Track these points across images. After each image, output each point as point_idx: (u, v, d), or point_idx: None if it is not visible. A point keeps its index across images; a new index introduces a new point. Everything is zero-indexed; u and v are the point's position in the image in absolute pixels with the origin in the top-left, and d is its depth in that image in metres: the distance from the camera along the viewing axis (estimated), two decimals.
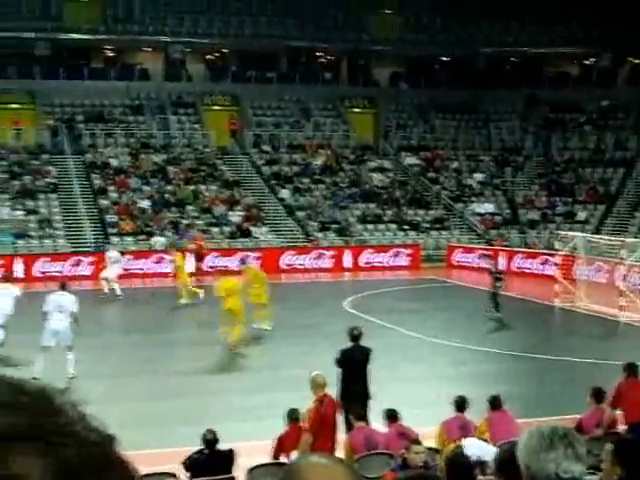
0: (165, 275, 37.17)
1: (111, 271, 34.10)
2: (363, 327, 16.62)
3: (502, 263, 37.40)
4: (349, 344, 15.58)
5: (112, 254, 35.06)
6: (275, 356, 22.57)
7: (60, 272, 38.43)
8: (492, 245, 43.37)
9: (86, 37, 55.08)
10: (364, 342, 15.67)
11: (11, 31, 53.55)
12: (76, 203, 44.25)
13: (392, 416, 12.72)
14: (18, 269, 38.46)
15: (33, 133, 49.47)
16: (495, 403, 13.13)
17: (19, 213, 42.49)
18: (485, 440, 12.04)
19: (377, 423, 13.40)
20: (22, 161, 46.53)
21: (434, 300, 32.68)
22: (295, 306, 30.54)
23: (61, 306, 19.34)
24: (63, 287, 20.47)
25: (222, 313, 23.18)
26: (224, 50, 58.45)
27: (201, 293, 31.26)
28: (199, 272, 37.00)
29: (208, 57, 58.79)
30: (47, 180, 45.16)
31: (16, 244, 40.61)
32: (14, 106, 51.87)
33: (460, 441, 11.74)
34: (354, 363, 15.21)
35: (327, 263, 41.94)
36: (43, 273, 38.31)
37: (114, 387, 19.14)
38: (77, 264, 38.83)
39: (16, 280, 37.71)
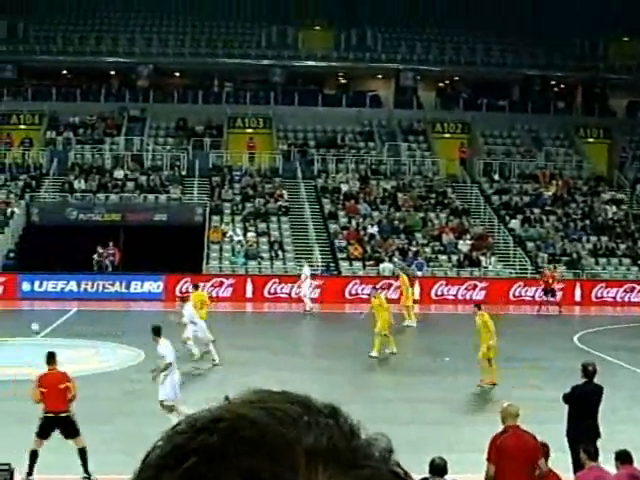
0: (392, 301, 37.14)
1: (304, 288, 34.98)
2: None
3: None
4: (581, 381, 14.94)
5: (306, 271, 36.36)
6: (497, 390, 21.99)
7: (288, 294, 39.20)
8: None
9: (319, 64, 56.20)
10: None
11: (249, 58, 55.42)
12: (306, 227, 45.00)
13: (624, 458, 12.02)
14: (248, 289, 39.43)
15: (267, 157, 50.72)
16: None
17: (251, 235, 43.56)
18: None
19: (607, 465, 12.74)
20: (255, 184, 47.76)
21: None
22: (521, 339, 29.83)
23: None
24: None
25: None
26: (455, 77, 58.30)
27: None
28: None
29: (439, 84, 58.78)
30: (279, 203, 46.15)
31: (247, 265, 41.63)
32: (249, 130, 53.45)
33: None
34: (586, 401, 14.56)
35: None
36: (272, 294, 39.06)
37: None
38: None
39: (246, 300, 38.92)
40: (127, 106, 53.97)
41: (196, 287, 29.85)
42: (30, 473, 14.54)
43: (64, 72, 56.66)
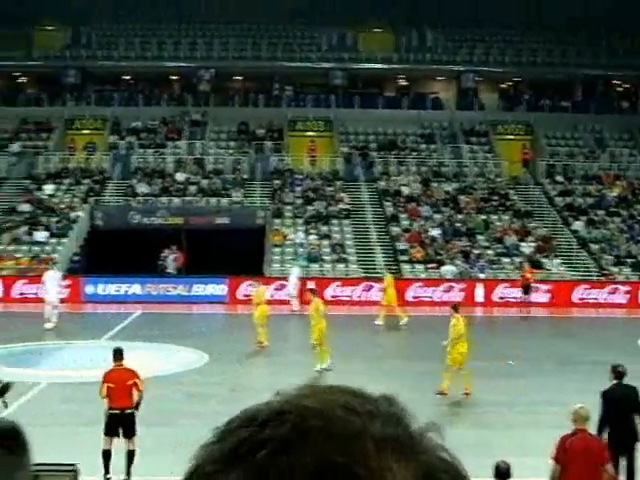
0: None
1: (291, 288, 35.80)
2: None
3: None
4: (612, 382, 14.55)
5: (294, 271, 37.18)
6: (556, 392, 21.68)
7: (350, 297, 39.13)
8: None
9: (380, 67, 56.16)
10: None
11: (310, 62, 55.53)
12: (368, 229, 44.90)
13: None
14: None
15: (328, 160, 50.72)
16: None
17: (313, 237, 43.57)
18: None
19: None
20: (317, 187, 47.79)
21: None
22: (585, 342, 29.47)
23: None
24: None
25: None
26: (517, 79, 57.86)
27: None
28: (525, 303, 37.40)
29: (501, 86, 58.38)
30: (340, 206, 46.11)
31: (309, 268, 41.63)
32: (310, 134, 53.50)
33: None
34: (619, 404, 14.15)
35: (621, 298, 40.32)
36: (334, 297, 39.00)
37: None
38: (368, 289, 39.26)
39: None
40: (189, 110, 54.34)
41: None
42: (107, 472, 14.61)
43: (126, 77, 57.24)
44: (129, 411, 14.87)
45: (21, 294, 38.86)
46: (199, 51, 56.29)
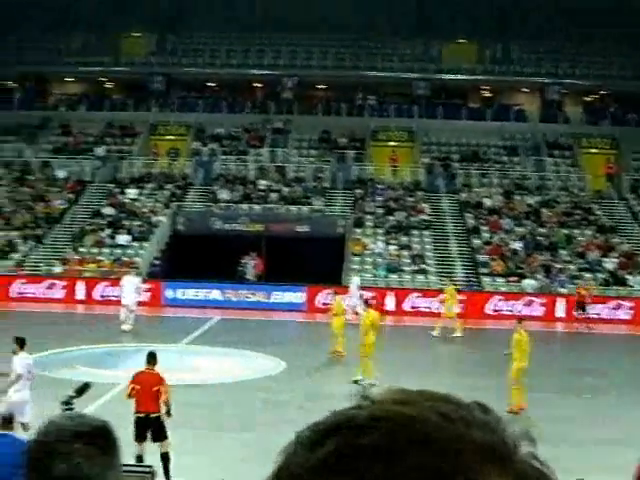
0: (533, 318, 36.62)
1: (354, 299, 34.85)
2: None
3: None
4: None
5: (355, 281, 36.82)
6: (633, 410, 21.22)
7: (429, 308, 38.83)
8: None
9: (464, 78, 55.80)
10: None
11: (393, 71, 55.42)
12: (448, 241, 44.59)
13: None
14: (389, 303, 39.27)
15: (409, 170, 50.51)
16: None
17: (393, 248, 43.40)
18: None
19: None
20: (398, 197, 47.61)
21: None
22: None
23: None
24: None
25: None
26: (603, 92, 57.02)
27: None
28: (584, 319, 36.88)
29: (586, 99, 57.59)
30: (421, 217, 45.88)
31: (389, 278, 41.48)
32: (392, 143, 53.36)
33: None
34: None
35: None
36: (413, 308, 38.77)
37: None
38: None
39: (386, 313, 38.78)
40: (271, 118, 54.58)
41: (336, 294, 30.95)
42: (166, 474, 14.56)
43: (211, 84, 57.71)
44: (155, 415, 14.74)
45: (102, 296, 39.34)
46: (283, 59, 56.55)
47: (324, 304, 36.21)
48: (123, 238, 43.85)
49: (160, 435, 14.70)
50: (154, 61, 56.77)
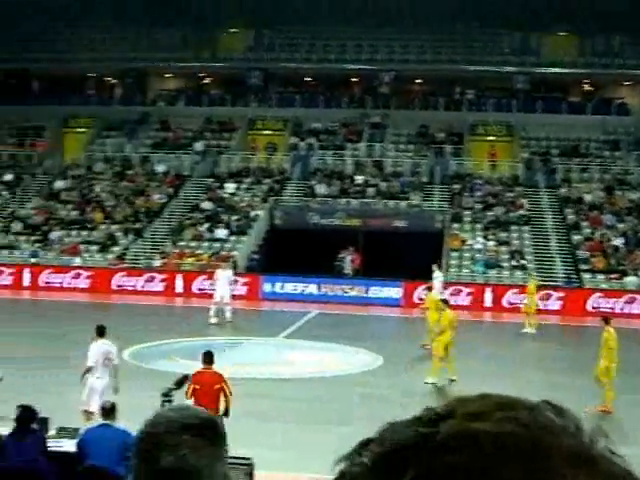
0: (635, 316, 35.95)
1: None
2: None
3: None
4: None
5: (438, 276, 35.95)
6: None
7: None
8: None
9: (564, 71, 54.86)
10: None
11: (492, 65, 54.79)
12: (548, 237, 43.93)
13: None
14: (487, 299, 38.90)
15: (508, 165, 49.91)
16: None
17: (491, 243, 42.96)
18: None
19: None
20: (496, 192, 47.09)
21: None
22: None
23: None
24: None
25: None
26: None
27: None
28: None
29: None
30: (520, 212, 45.30)
31: (487, 274, 41.06)
32: (491, 138, 52.84)
33: None
34: None
35: None
36: (511, 304, 38.28)
37: None
38: (547, 298, 38.35)
39: (485, 309, 38.44)
40: (368, 113, 54.46)
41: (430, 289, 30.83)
42: None
43: (308, 79, 57.83)
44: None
45: (200, 289, 39.71)
46: (380, 54, 56.33)
47: (420, 299, 35.98)
48: (221, 232, 44.25)
49: None
50: (251, 56, 57.10)
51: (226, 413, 14.68)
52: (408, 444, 0.96)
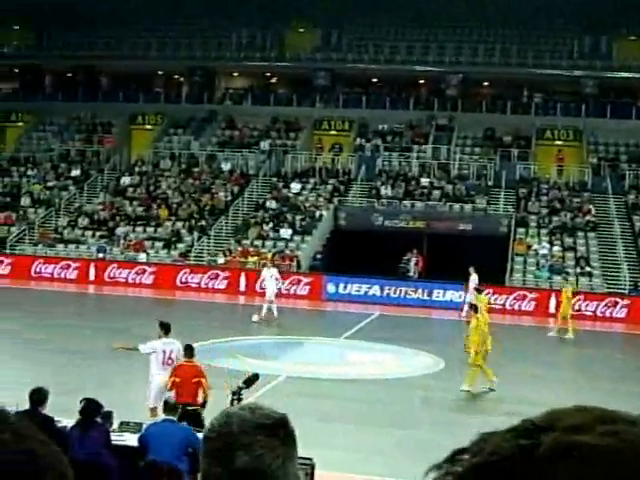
0: None
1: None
2: None
3: None
4: None
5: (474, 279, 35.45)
6: None
7: (593, 312, 37.83)
8: None
9: (634, 76, 54.05)
10: None
11: (560, 69, 54.23)
12: (615, 244, 43.33)
13: None
14: (551, 305, 38.43)
15: (576, 170, 49.33)
16: None
17: (557, 249, 42.49)
18: None
19: None
20: (563, 198, 46.58)
21: None
22: None
23: None
24: None
25: None
26: None
27: None
28: None
29: None
30: (587, 218, 44.74)
31: (552, 279, 40.60)
32: (559, 142, 52.26)
33: None
34: None
35: None
36: (576, 311, 37.72)
37: None
38: (614, 305, 37.89)
39: (549, 315, 38.01)
40: (435, 115, 54.19)
41: (479, 291, 30.82)
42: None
43: (374, 80, 57.71)
44: (192, 408, 14.67)
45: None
46: (447, 56, 56.05)
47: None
48: (286, 232, 44.33)
49: (196, 428, 14.73)
50: (319, 57, 57.12)
51: (203, 405, 15.00)
52: (507, 455, 0.94)
